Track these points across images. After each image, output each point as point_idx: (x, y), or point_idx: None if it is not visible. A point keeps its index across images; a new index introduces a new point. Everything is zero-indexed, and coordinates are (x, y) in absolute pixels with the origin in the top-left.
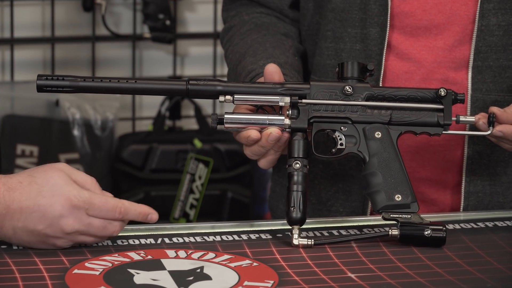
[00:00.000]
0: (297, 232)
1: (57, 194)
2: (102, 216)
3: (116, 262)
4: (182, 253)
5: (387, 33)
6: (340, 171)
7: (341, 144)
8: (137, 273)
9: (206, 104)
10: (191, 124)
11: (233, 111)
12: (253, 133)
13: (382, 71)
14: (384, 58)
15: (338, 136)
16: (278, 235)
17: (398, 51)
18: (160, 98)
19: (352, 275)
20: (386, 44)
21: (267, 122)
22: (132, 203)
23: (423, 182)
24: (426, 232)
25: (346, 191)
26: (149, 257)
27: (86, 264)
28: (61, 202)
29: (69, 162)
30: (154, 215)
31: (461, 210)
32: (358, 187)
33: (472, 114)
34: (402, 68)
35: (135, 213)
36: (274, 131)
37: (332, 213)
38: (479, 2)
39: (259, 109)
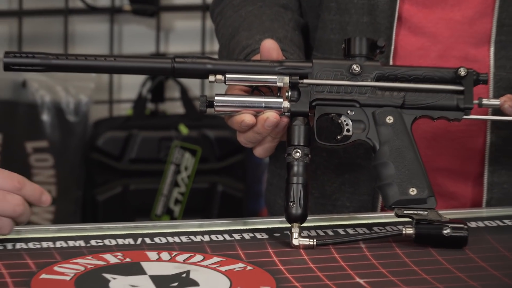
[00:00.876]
0: (297, 230)
1: None
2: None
3: (89, 266)
4: (165, 255)
5: (398, 3)
6: (347, 160)
7: (348, 130)
8: (114, 278)
9: (193, 85)
10: (176, 107)
11: (225, 93)
12: (247, 117)
13: (393, 47)
14: (394, 32)
15: (344, 121)
16: (275, 234)
17: (411, 24)
18: (141, 79)
19: (361, 281)
20: (396, 16)
21: (264, 105)
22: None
23: (441, 173)
24: (445, 231)
25: (353, 183)
26: (128, 259)
27: (55, 268)
28: None
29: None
30: (47, 195)
31: (483, 204)
32: (367, 179)
33: (495, 95)
34: (415, 44)
35: (31, 187)
36: (271, 115)
37: (338, 209)
38: None
39: (254, 90)
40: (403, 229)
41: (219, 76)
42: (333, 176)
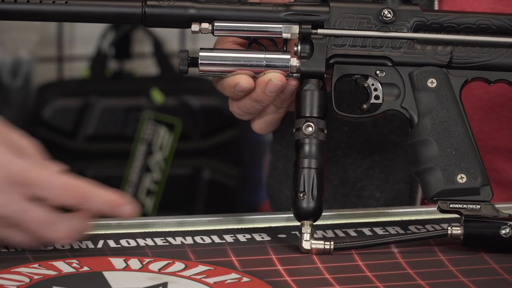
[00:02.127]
0: (309, 231)
1: None
2: (50, 196)
3: (36, 277)
4: (134, 263)
5: None
6: (376, 137)
7: (377, 97)
8: None
9: (170, 37)
10: (147, 66)
11: (214, 48)
12: (243, 79)
13: None
14: None
15: (372, 84)
16: (280, 235)
17: None
18: (100, 28)
19: None
20: None
21: (265, 63)
22: (95, 186)
23: (500, 155)
24: (503, 231)
25: (384, 168)
26: (86, 268)
27: None
28: None
29: None
30: (127, 207)
31: None
32: (402, 162)
33: None
34: None
35: (100, 200)
36: (274, 77)
37: (364, 201)
38: None
39: (252, 43)
40: (449, 228)
41: (205, 25)
42: (358, 158)
